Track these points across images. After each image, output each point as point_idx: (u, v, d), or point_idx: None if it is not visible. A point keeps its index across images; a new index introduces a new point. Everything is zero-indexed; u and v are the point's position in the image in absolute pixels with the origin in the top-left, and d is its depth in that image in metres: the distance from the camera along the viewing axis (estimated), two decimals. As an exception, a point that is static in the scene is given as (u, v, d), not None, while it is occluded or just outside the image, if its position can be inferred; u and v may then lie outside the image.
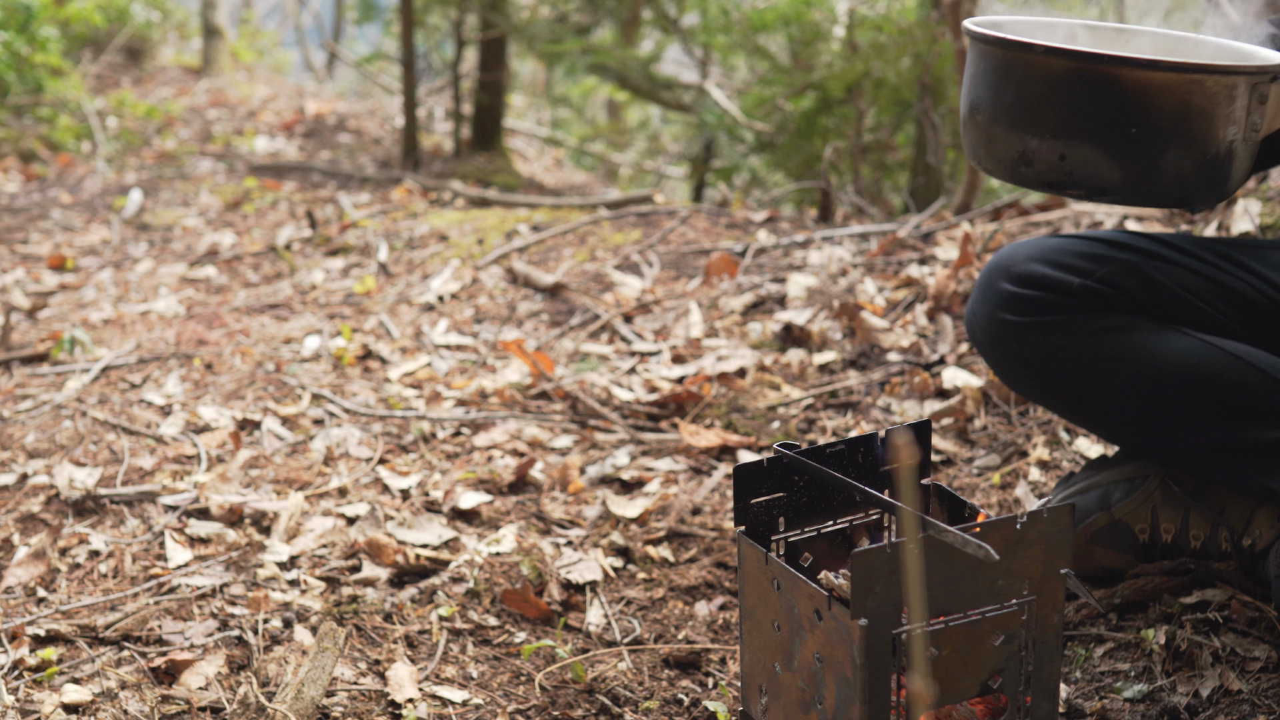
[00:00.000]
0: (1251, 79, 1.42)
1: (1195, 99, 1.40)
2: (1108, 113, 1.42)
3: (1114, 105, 1.42)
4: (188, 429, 2.82)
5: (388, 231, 4.50)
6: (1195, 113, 1.41)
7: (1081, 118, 1.44)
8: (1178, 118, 1.41)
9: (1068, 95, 1.44)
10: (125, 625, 2.01)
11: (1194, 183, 1.46)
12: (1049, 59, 1.45)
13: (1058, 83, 1.45)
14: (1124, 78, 1.41)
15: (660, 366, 3.02)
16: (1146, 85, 1.40)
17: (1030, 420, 2.48)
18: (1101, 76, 1.42)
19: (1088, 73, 1.43)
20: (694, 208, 4.18)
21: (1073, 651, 1.85)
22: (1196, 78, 1.40)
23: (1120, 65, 1.41)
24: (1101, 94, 1.42)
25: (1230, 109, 1.42)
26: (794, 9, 5.65)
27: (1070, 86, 1.44)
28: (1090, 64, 1.43)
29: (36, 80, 7.02)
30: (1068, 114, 1.45)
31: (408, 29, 6.32)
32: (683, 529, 2.31)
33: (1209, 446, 1.80)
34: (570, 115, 9.61)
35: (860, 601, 1.39)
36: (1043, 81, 1.45)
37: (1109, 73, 1.41)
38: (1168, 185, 1.45)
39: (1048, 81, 1.45)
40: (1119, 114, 1.42)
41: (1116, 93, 1.41)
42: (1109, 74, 1.41)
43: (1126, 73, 1.41)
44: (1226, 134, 1.43)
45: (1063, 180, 1.47)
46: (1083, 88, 1.43)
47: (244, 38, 10.55)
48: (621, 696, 1.86)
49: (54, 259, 4.58)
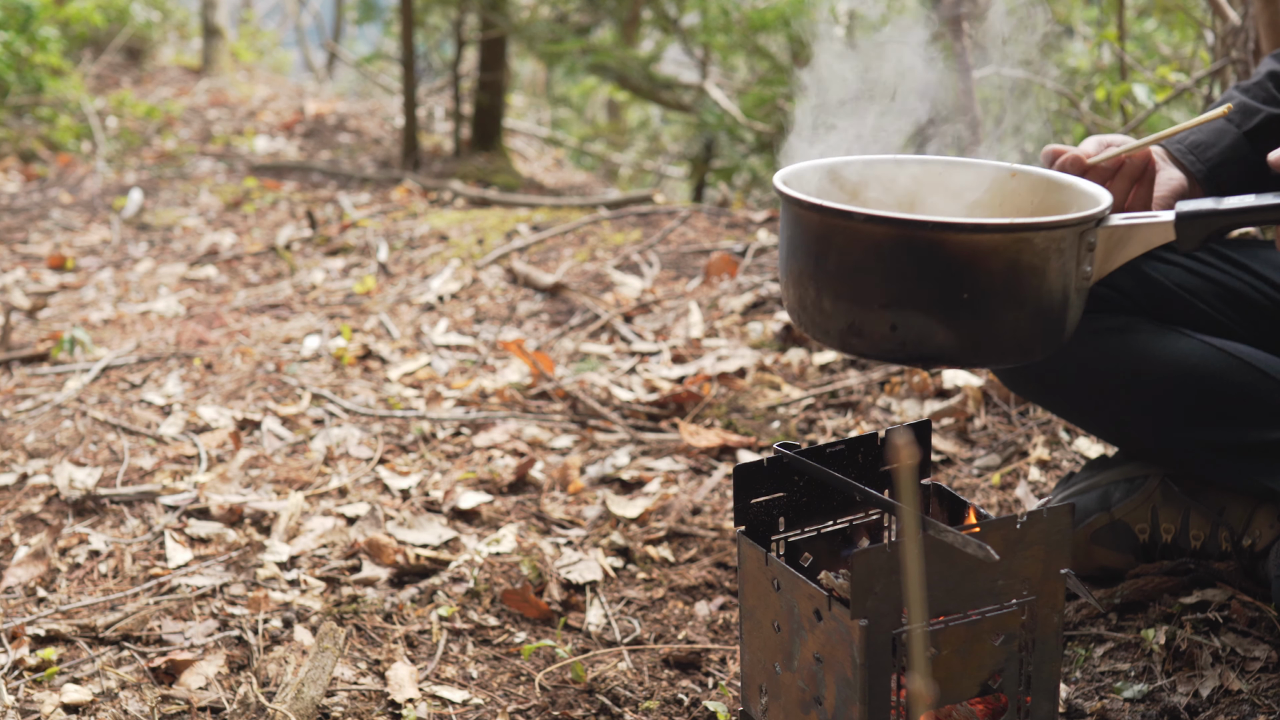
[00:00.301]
0: (1079, 229, 1.37)
1: (1025, 257, 1.34)
2: (937, 280, 1.34)
3: (943, 272, 1.34)
4: (188, 429, 2.82)
5: (388, 231, 4.50)
6: (1026, 271, 1.34)
7: (910, 287, 1.35)
8: (1009, 277, 1.34)
9: (893, 264, 1.35)
10: (125, 625, 2.01)
11: (1032, 338, 1.40)
12: (870, 226, 1.35)
13: (881, 251, 1.36)
14: (950, 242, 1.33)
15: (660, 366, 3.02)
16: (974, 248, 1.33)
17: (1030, 420, 2.48)
18: (927, 242, 1.34)
19: (912, 239, 1.34)
20: (694, 208, 4.18)
21: (1073, 651, 1.85)
22: (1024, 236, 1.33)
23: (945, 230, 1.34)
24: (928, 261, 1.34)
25: (1061, 261, 1.36)
26: (794, 9, 5.64)
27: (895, 255, 1.35)
28: (914, 230, 1.34)
29: (36, 80, 7.02)
30: (895, 284, 1.36)
31: (408, 29, 6.32)
32: (683, 529, 2.31)
33: (1209, 446, 1.80)
34: (570, 115, 9.61)
35: (860, 601, 1.39)
36: (865, 250, 1.36)
37: (934, 238, 1.33)
38: (1006, 345, 1.38)
39: (870, 250, 1.36)
40: (949, 280, 1.33)
41: (944, 258, 1.33)
42: (934, 239, 1.33)
43: (952, 237, 1.33)
44: (1060, 285, 1.37)
45: (897, 351, 1.38)
46: (908, 255, 1.35)
47: (244, 38, 10.55)
48: (621, 696, 1.86)
49: (54, 259, 4.58)
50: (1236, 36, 3.18)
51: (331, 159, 6.85)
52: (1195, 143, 1.81)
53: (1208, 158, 1.80)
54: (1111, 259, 1.41)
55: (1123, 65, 4.40)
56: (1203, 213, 1.39)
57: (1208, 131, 1.82)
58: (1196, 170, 1.80)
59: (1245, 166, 1.81)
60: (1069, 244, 1.37)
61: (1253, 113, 1.82)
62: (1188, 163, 1.80)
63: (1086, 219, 1.37)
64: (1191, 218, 1.39)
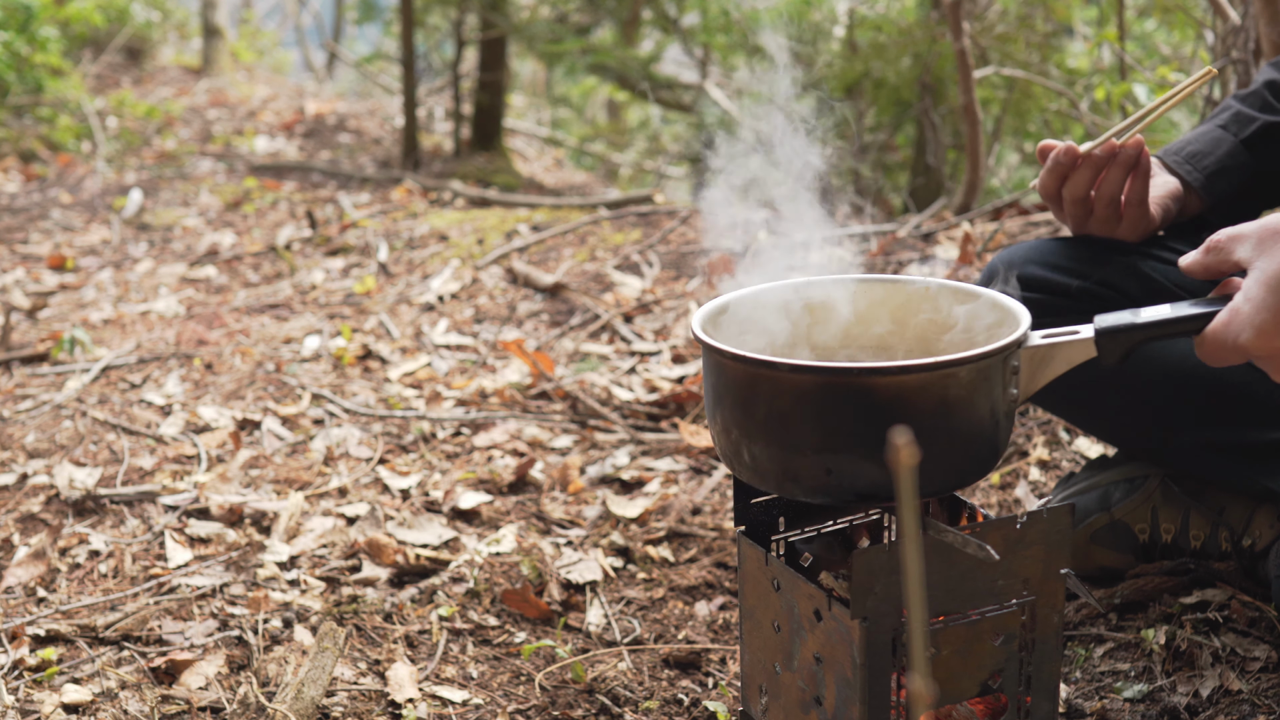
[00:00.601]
0: (1002, 355, 1.38)
1: (952, 391, 1.35)
2: (868, 422, 1.35)
3: (873, 414, 1.35)
4: (188, 429, 2.82)
5: (388, 231, 4.50)
6: (954, 404, 1.36)
7: (841, 431, 1.36)
8: (939, 412, 1.36)
9: (822, 410, 1.36)
10: (125, 625, 2.01)
11: (965, 466, 1.42)
12: (796, 376, 1.37)
13: (810, 399, 1.37)
14: (878, 386, 1.34)
15: (660, 366, 3.02)
16: (901, 389, 1.34)
17: (1030, 420, 2.48)
18: (854, 388, 1.35)
19: (840, 386, 1.36)
20: (694, 208, 4.18)
21: (1073, 651, 1.85)
22: (950, 371, 1.34)
23: (872, 375, 1.35)
24: (858, 405, 1.35)
25: (988, 388, 1.38)
26: (794, 9, 5.65)
27: (824, 401, 1.36)
28: (841, 377, 1.36)
29: (36, 80, 7.02)
30: (826, 429, 1.37)
31: (408, 29, 6.32)
32: (683, 529, 2.31)
33: (1209, 446, 1.80)
34: (570, 115, 9.61)
35: (860, 601, 1.39)
36: (793, 398, 1.37)
37: (862, 383, 1.35)
38: (943, 475, 1.40)
39: (798, 398, 1.37)
40: (879, 422, 1.34)
41: (873, 402, 1.35)
42: (862, 385, 1.35)
43: (879, 381, 1.34)
44: (987, 412, 1.39)
45: (834, 491, 1.39)
46: (837, 401, 1.36)
47: (244, 38, 10.55)
48: (621, 696, 1.86)
49: (54, 259, 4.58)
50: (1236, 36, 3.19)
51: (331, 159, 6.85)
52: (1192, 153, 1.82)
53: (1204, 166, 1.81)
54: (1036, 379, 1.44)
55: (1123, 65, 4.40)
56: (1121, 327, 1.41)
57: (1204, 141, 1.83)
58: (1194, 179, 1.80)
59: (1242, 174, 1.82)
60: (994, 371, 1.39)
61: (1249, 121, 1.82)
62: (1184, 172, 1.81)
63: (1009, 345, 1.39)
64: (1111, 333, 1.41)
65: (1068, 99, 4.89)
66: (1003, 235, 3.29)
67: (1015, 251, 1.87)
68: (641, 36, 7.38)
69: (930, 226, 3.59)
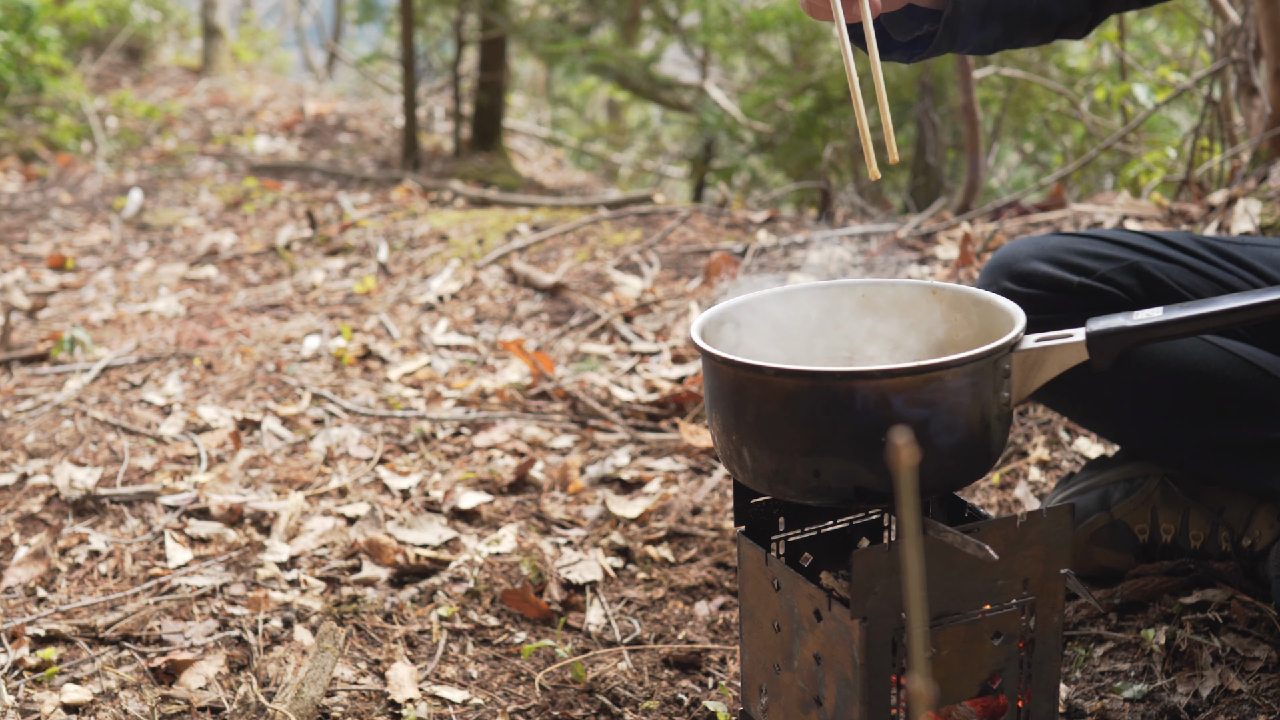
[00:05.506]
0: (992, 359, 1.37)
1: (939, 395, 1.35)
2: (854, 426, 1.35)
3: (859, 418, 1.34)
4: (188, 429, 2.82)
5: (388, 231, 4.50)
6: (943, 409, 1.36)
7: (827, 434, 1.36)
8: (926, 416, 1.35)
9: (809, 414, 1.36)
10: (125, 625, 2.01)
11: (956, 470, 1.41)
12: (782, 380, 1.37)
13: (796, 402, 1.37)
14: (862, 390, 1.34)
15: (660, 366, 3.02)
16: (886, 393, 1.34)
17: (1030, 420, 2.48)
18: (839, 392, 1.35)
19: (824, 390, 1.36)
20: (694, 208, 4.18)
21: (1073, 651, 1.85)
22: (935, 375, 1.34)
23: (855, 379, 1.34)
24: (843, 409, 1.35)
25: (978, 392, 1.37)
26: (794, 9, 5.64)
27: (809, 405, 1.36)
28: (825, 381, 1.36)
29: (36, 80, 7.02)
30: (812, 432, 1.37)
31: (408, 29, 6.32)
32: (683, 529, 2.31)
33: (1209, 446, 1.80)
34: (570, 115, 9.60)
35: (860, 601, 1.39)
36: (780, 402, 1.38)
37: (846, 387, 1.34)
38: (932, 479, 1.39)
39: (785, 402, 1.37)
40: (866, 425, 1.34)
41: (858, 405, 1.34)
42: (847, 389, 1.34)
43: (863, 385, 1.34)
44: (978, 416, 1.38)
45: (824, 494, 1.40)
46: (822, 405, 1.36)
47: (244, 38, 10.55)
48: (621, 696, 1.86)
49: (54, 259, 4.58)
50: (1236, 36, 3.19)
51: (331, 159, 6.85)
52: None
53: None
54: (1029, 382, 1.43)
55: (1123, 65, 4.40)
56: (1114, 330, 1.41)
57: None
58: None
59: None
60: (984, 375, 1.38)
61: None
62: None
63: (997, 349, 1.38)
64: (1103, 336, 1.41)
65: (1067, 99, 4.89)
66: (1002, 235, 3.29)
67: (1018, 247, 1.86)
68: (641, 36, 7.38)
69: (930, 226, 3.59)
